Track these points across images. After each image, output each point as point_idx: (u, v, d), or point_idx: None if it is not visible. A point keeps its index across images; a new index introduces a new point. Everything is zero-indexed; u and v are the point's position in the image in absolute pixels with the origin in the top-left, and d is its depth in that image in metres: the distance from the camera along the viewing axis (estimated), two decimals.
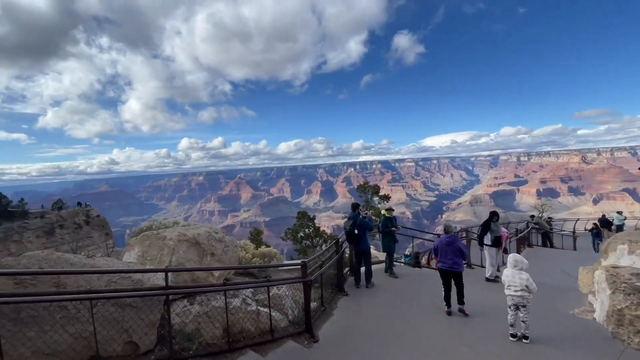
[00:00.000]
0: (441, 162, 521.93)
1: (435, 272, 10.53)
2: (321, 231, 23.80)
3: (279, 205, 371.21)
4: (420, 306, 6.88)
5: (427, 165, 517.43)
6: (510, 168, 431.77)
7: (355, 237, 7.76)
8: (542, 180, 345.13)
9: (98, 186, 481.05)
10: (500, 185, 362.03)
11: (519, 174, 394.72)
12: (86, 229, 50.96)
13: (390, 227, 9.14)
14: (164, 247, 5.02)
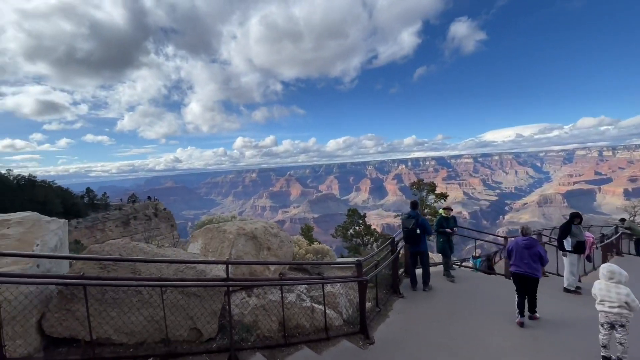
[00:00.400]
0: (504, 158, 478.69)
1: (499, 277, 9.61)
2: (372, 229, 23.23)
3: (328, 202, 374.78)
4: (486, 314, 6.27)
5: (488, 161, 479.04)
6: (590, 164, 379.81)
7: (416, 237, 7.36)
8: (631, 178, 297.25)
9: (164, 182, 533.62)
10: (575, 183, 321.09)
11: (600, 171, 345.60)
12: (155, 221, 56.85)
13: (446, 227, 8.54)
14: (224, 240, 5.24)
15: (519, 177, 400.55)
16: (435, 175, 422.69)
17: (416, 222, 7.23)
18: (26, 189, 35.26)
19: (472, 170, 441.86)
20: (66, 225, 4.50)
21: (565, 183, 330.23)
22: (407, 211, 7.62)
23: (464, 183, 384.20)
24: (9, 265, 3.48)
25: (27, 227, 3.83)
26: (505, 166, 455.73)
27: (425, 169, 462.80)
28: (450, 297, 7.13)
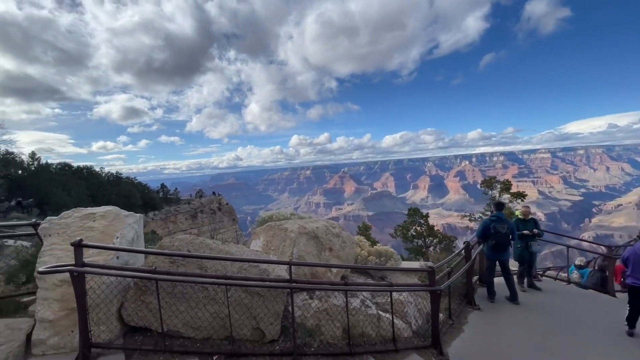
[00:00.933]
0: (590, 152, 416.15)
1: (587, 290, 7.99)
2: (435, 230, 21.79)
3: (383, 200, 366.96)
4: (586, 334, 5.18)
5: (570, 156, 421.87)
6: None
7: (507, 243, 6.56)
8: None
9: (227, 179, 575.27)
10: None
11: None
12: (219, 214, 61.35)
13: (522, 230, 7.42)
14: (286, 239, 5.10)
15: (611, 174, 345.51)
16: (504, 172, 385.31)
17: (508, 227, 6.37)
18: (114, 184, 40.71)
19: (549, 167, 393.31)
20: (142, 219, 4.76)
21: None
22: (494, 213, 6.70)
23: (539, 181, 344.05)
24: (94, 256, 3.72)
25: (109, 221, 4.08)
26: (592, 161, 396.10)
27: (493, 165, 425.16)
28: (536, 312, 6.09)
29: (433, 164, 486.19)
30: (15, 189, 26.76)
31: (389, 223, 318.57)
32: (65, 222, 3.99)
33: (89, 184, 36.92)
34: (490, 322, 5.63)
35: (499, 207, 6.78)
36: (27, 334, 3.78)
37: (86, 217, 4.09)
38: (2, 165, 26.00)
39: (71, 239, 3.76)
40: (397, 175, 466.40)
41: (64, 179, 32.61)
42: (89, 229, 3.94)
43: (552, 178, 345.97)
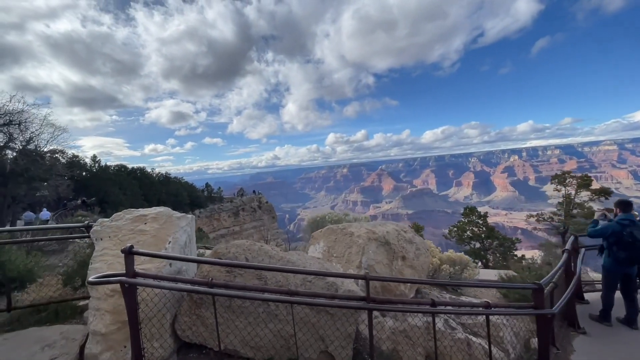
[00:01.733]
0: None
1: None
2: (495, 231, 19.81)
3: (423, 198, 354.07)
4: None
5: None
6: None
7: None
8: None
9: (266, 178, 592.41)
10: None
11: None
12: (259, 212, 62.76)
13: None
14: (352, 245, 4.44)
15: None
16: (561, 166, 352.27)
17: None
18: (164, 184, 43.23)
19: (615, 160, 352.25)
20: (194, 220, 4.38)
21: None
22: (621, 216, 5.31)
23: (604, 176, 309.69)
24: (145, 263, 3.32)
25: (161, 224, 3.70)
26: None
27: (547, 159, 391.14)
28: None
29: (478, 160, 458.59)
30: (80, 189, 29.45)
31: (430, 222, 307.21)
32: (116, 224, 3.68)
33: (142, 183, 39.51)
34: (606, 352, 4.48)
35: (627, 206, 5.29)
36: (81, 345, 3.52)
37: (137, 220, 3.76)
38: (69, 167, 28.64)
39: (122, 243, 3.41)
40: (438, 172, 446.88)
41: (120, 179, 35.27)
42: (140, 232, 3.59)
43: (620, 173, 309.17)
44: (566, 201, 22.11)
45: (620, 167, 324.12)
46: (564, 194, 22.55)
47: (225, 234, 51.55)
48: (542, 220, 23.69)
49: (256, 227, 59.24)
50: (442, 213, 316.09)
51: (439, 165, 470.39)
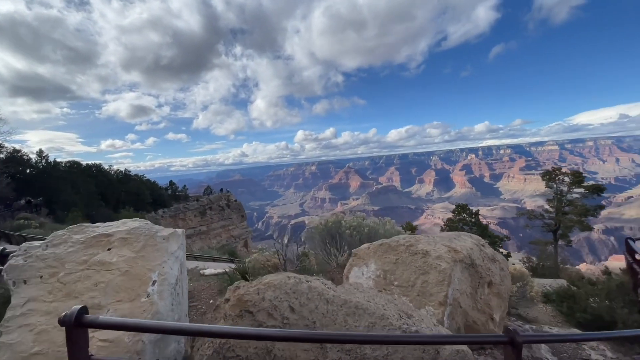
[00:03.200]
0: (600, 143, 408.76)
1: None
2: (488, 231, 19.31)
3: (388, 195, 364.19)
4: None
5: (578, 148, 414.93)
6: None
7: None
8: None
9: (233, 175, 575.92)
10: None
11: None
12: (227, 211, 59.77)
13: None
14: (428, 270, 3.18)
15: (621, 166, 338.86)
16: (512, 164, 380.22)
17: None
18: (123, 182, 39.21)
19: (557, 159, 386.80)
20: (184, 236, 2.89)
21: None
22: None
23: None
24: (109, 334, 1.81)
25: (137, 250, 2.20)
26: (602, 153, 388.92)
27: (499, 158, 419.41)
28: None
29: (439, 158, 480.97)
30: (23, 187, 25.51)
31: (395, 217, 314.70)
32: (55, 253, 2.11)
33: (98, 182, 35.43)
34: None
35: None
36: None
37: (96, 243, 2.21)
38: (9, 164, 24.68)
39: (66, 288, 1.87)
40: (402, 169, 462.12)
41: (73, 177, 31.23)
42: (100, 267, 2.07)
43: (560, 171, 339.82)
44: (557, 198, 22.41)
45: (561, 166, 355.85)
46: (554, 190, 22.89)
47: (192, 234, 48.27)
48: (534, 217, 23.93)
49: (224, 227, 56.27)
50: (405, 209, 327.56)
51: (403, 163, 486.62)
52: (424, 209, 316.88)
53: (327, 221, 6.92)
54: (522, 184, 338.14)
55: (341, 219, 6.47)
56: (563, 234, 22.00)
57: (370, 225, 6.54)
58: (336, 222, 6.40)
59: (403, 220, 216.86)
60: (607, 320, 4.83)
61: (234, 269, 6.50)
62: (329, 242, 6.88)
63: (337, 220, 6.45)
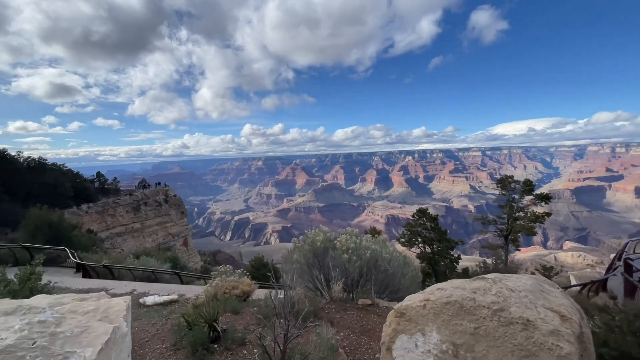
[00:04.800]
0: (513, 152, 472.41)
1: None
2: (447, 236, 20.09)
3: (333, 192, 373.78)
4: None
5: (496, 155, 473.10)
6: (602, 161, 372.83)
7: None
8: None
9: (171, 168, 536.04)
10: (585, 180, 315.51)
11: (612, 168, 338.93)
12: (165, 207, 56.12)
13: None
14: (539, 353, 2.21)
15: (527, 172, 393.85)
16: (443, 167, 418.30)
17: None
18: (37, 172, 34.25)
19: (479, 164, 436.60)
20: (129, 311, 3.18)
21: (574, 179, 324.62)
22: None
23: (471, 177, 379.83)
24: None
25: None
26: (514, 160, 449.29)
27: (432, 161, 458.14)
28: None
29: (380, 159, 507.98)
30: None
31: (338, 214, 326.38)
32: None
33: (1, 170, 30.47)
34: None
35: None
36: None
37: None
38: None
39: None
40: (346, 168, 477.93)
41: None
42: None
43: (482, 174, 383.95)
44: (509, 206, 23.52)
45: (482, 170, 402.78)
46: (507, 198, 23.76)
47: (123, 232, 44.37)
48: (487, 223, 24.86)
49: (161, 224, 52.75)
50: (348, 206, 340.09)
51: (347, 162, 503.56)
52: (365, 207, 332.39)
53: (313, 240, 5.81)
54: (450, 185, 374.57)
55: (333, 237, 5.67)
56: (513, 239, 23.30)
57: (371, 248, 5.55)
58: (326, 240, 5.58)
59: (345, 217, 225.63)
60: (636, 357, 4.20)
61: (194, 305, 5.05)
62: (317, 268, 5.50)
63: (328, 239, 5.58)
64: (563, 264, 64.26)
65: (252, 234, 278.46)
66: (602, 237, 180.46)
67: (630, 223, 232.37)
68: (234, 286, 5.82)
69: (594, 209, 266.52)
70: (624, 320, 4.68)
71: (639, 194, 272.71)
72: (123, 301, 3.30)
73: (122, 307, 3.15)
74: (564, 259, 73.55)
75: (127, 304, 3.24)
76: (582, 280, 15.11)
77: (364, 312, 4.75)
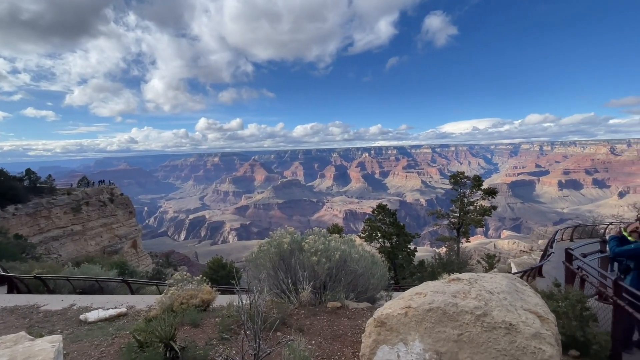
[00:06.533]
0: (459, 149, 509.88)
1: None
2: (405, 230, 20.57)
3: (292, 188, 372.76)
4: None
5: (445, 152, 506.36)
6: (532, 157, 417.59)
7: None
8: (565, 171, 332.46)
9: (117, 164, 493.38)
10: (519, 175, 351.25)
11: (540, 164, 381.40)
12: (111, 207, 51.56)
13: None
14: (522, 357, 2.23)
15: (471, 168, 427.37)
16: (397, 164, 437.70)
17: None
18: None
19: (430, 160, 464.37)
20: (61, 354, 2.39)
21: (510, 174, 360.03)
22: None
23: (423, 172, 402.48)
24: None
25: None
26: (460, 157, 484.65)
27: (387, 157, 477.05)
28: None
29: (338, 155, 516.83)
30: None
31: (298, 210, 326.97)
32: None
33: None
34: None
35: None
36: None
37: None
38: None
39: None
40: (306, 164, 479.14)
41: None
42: None
43: (432, 170, 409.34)
44: (460, 199, 25.04)
45: (433, 166, 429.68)
46: (459, 193, 25.27)
47: (61, 235, 39.87)
48: (441, 216, 26.55)
49: (106, 225, 48.34)
50: (308, 202, 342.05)
51: (307, 158, 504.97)
52: (324, 202, 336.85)
53: (279, 242, 5.51)
54: (404, 180, 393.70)
55: (301, 239, 5.40)
56: (465, 231, 24.85)
57: (341, 249, 5.39)
58: (293, 242, 5.31)
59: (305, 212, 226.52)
60: (581, 340, 4.61)
61: (146, 319, 4.49)
62: (283, 271, 5.26)
63: (295, 240, 5.32)
64: (501, 250, 71.15)
65: (208, 232, 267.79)
66: (533, 225, 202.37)
67: (555, 212, 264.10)
68: (192, 295, 5.36)
69: (526, 200, 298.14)
70: (569, 306, 4.96)
71: (561, 187, 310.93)
72: (50, 345, 2.33)
73: (49, 355, 2.18)
74: (502, 246, 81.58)
75: (57, 349, 2.30)
76: (521, 267, 16.66)
77: (334, 315, 4.61)
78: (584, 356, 4.85)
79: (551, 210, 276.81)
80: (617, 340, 4.72)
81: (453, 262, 18.23)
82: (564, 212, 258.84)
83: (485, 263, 31.30)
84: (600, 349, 4.65)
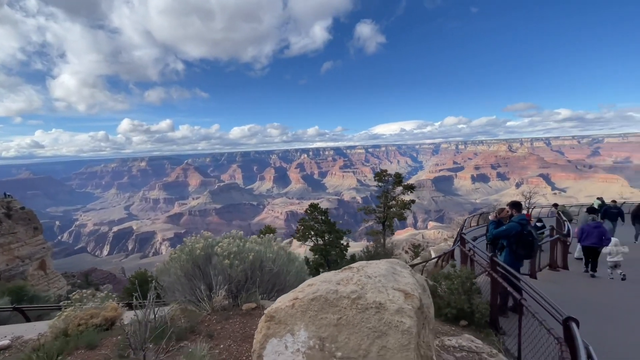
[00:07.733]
0: (389, 149, 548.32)
1: None
2: (335, 227, 21.07)
3: (231, 192, 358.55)
4: None
5: (377, 152, 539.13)
6: (450, 155, 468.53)
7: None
8: (476, 166, 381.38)
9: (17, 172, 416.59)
10: (440, 171, 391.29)
11: (457, 161, 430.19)
12: (8, 224, 43.55)
13: None
14: (388, 331, 2.45)
15: (400, 166, 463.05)
16: (334, 164, 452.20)
17: None
18: None
19: (364, 160, 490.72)
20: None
21: (433, 171, 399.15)
22: (521, 216, 6.42)
23: (358, 171, 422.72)
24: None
25: None
26: (390, 156, 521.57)
27: (325, 158, 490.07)
28: None
29: (277, 157, 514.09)
30: None
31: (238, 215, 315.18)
32: None
33: None
34: None
35: (520, 207, 6.67)
36: None
37: None
38: None
39: None
40: (244, 167, 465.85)
41: None
42: None
43: (365, 169, 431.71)
44: (385, 196, 26.87)
45: (366, 165, 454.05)
46: (384, 189, 27.19)
47: None
48: (369, 212, 27.98)
49: (2, 246, 40.49)
50: (248, 205, 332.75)
51: (245, 161, 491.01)
52: (265, 205, 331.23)
53: (191, 248, 5.25)
54: (341, 180, 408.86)
55: (215, 243, 5.27)
56: (389, 224, 26.71)
57: (255, 249, 5.38)
58: (207, 247, 5.17)
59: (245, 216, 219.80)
60: (468, 311, 5.52)
61: (33, 349, 3.79)
62: (197, 277, 5.10)
63: (209, 245, 5.17)
64: (428, 240, 78.56)
65: (137, 245, 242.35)
66: (453, 215, 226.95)
67: (470, 203, 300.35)
68: (92, 314, 4.74)
69: (447, 194, 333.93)
70: (459, 283, 5.91)
71: (474, 181, 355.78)
72: None
73: None
74: (429, 236, 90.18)
75: None
76: (438, 253, 18.68)
77: (248, 317, 4.61)
78: (470, 324, 5.78)
79: (467, 202, 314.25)
80: (493, 307, 5.76)
81: (379, 254, 19.55)
82: (477, 202, 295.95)
83: (412, 252, 34.31)
84: (481, 316, 5.63)
